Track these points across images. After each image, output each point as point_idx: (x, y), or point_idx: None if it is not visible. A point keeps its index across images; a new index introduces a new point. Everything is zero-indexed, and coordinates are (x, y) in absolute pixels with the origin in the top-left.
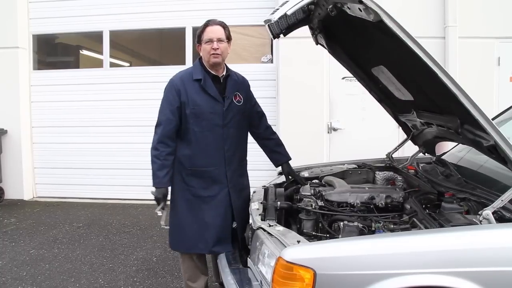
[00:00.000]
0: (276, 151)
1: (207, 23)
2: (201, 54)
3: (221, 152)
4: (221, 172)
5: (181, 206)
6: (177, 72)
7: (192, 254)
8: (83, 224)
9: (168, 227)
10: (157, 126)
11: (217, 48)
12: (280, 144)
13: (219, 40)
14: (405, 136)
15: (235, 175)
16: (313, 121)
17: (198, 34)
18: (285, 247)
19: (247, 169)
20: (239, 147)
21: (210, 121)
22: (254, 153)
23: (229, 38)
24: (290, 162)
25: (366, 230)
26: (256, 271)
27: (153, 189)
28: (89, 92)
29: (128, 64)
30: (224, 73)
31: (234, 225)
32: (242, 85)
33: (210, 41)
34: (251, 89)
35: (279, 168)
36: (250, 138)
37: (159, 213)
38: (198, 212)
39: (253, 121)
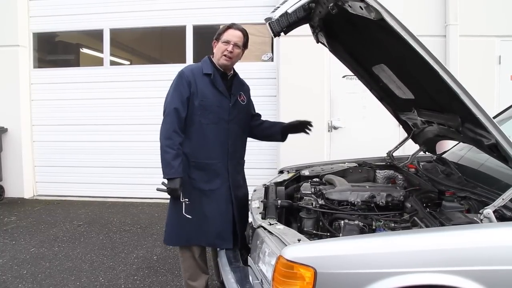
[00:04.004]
0: (273, 124)
1: (231, 25)
2: (214, 51)
3: (224, 146)
4: (223, 166)
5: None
6: (187, 65)
7: (194, 251)
8: (83, 222)
9: (191, 217)
10: (166, 116)
11: (232, 52)
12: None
13: (236, 44)
14: (405, 135)
15: (234, 171)
16: (314, 120)
17: (220, 32)
18: (286, 245)
19: (244, 168)
20: (240, 145)
21: (217, 114)
22: (255, 151)
23: (245, 46)
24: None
25: (367, 229)
26: (257, 269)
27: (164, 181)
28: (89, 91)
29: (129, 63)
30: (232, 72)
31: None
32: (246, 87)
33: (227, 42)
34: (252, 87)
35: (280, 167)
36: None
37: (186, 202)
38: (198, 206)
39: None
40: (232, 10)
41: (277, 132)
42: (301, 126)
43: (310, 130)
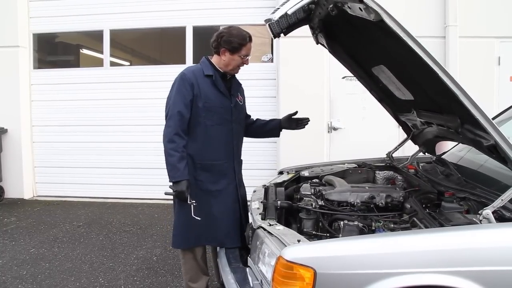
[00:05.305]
0: (269, 121)
1: (251, 38)
2: (223, 59)
3: (230, 146)
4: (230, 166)
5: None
6: (187, 67)
7: (196, 253)
8: (83, 223)
9: (200, 219)
10: (169, 119)
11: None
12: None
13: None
14: (405, 136)
15: (238, 170)
16: (314, 121)
17: (237, 44)
18: (286, 246)
19: (244, 168)
20: (241, 144)
21: (221, 115)
22: (255, 152)
23: None
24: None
25: (366, 230)
26: (256, 270)
27: (171, 184)
28: (89, 91)
29: (129, 63)
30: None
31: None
32: (241, 88)
33: (246, 56)
34: (252, 88)
35: (279, 167)
36: (248, 138)
37: (194, 204)
38: (205, 207)
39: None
40: (232, 11)
41: (276, 126)
42: (296, 122)
43: (306, 124)
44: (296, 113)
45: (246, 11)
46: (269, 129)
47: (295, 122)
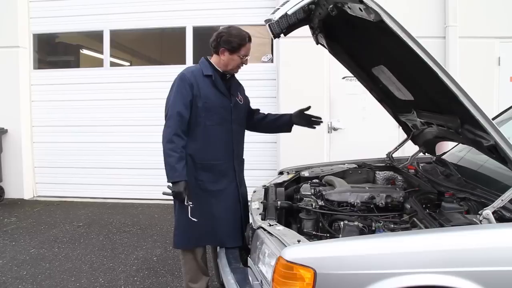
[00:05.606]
0: (280, 116)
1: (250, 39)
2: (222, 58)
3: (230, 146)
4: (229, 165)
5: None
6: (186, 68)
7: (196, 253)
8: (83, 223)
9: (196, 220)
10: (168, 119)
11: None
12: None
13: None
14: (405, 136)
15: (239, 170)
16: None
17: (236, 44)
18: (286, 246)
19: (245, 168)
20: (242, 144)
21: (220, 115)
22: (255, 152)
23: None
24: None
25: (366, 230)
26: (257, 270)
27: (170, 185)
28: (89, 92)
29: (129, 64)
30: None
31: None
32: (241, 87)
33: (245, 56)
34: (252, 88)
35: (280, 167)
36: (248, 138)
37: (191, 206)
38: (206, 207)
39: (248, 115)
40: (232, 11)
41: (286, 122)
42: (308, 119)
43: (318, 124)
44: (308, 108)
45: (246, 11)
46: (280, 124)
47: (305, 119)
